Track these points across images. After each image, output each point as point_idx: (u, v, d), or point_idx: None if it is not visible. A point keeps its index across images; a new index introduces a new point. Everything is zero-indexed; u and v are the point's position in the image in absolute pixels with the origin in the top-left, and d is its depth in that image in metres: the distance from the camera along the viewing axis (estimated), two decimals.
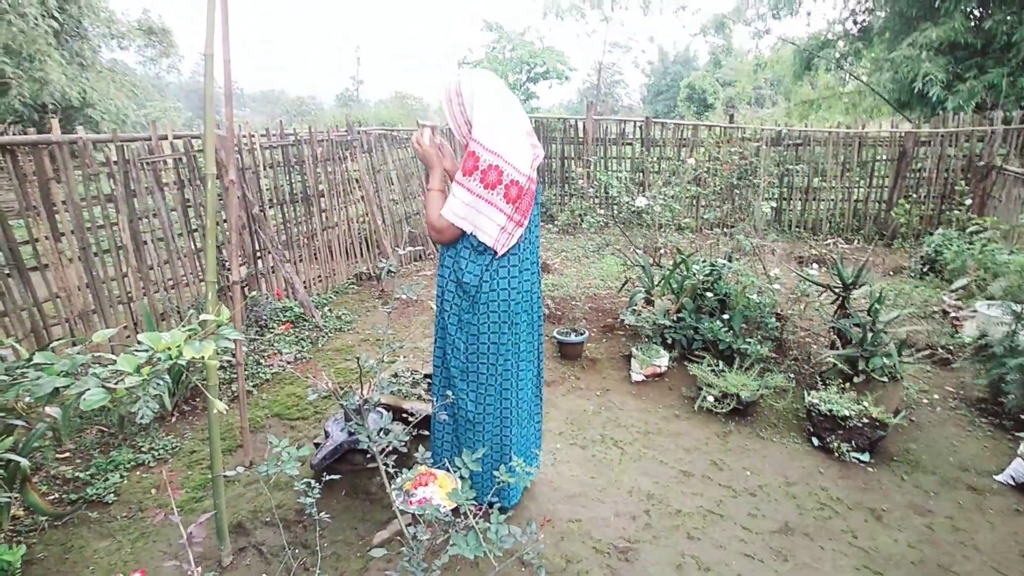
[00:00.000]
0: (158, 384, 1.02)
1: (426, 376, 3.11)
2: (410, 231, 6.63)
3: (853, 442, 2.93)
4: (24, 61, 11.58)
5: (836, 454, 2.94)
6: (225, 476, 2.08)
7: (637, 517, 2.51)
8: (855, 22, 11.91)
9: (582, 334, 4.09)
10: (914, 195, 7.37)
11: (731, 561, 2.27)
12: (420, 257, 6.74)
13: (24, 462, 1.98)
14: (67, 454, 2.98)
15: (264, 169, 4.77)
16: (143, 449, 3.02)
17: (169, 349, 1.04)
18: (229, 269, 2.84)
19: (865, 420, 2.92)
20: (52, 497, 2.65)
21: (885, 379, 3.17)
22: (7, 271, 3.07)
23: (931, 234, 6.30)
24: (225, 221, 4.16)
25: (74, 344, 1.29)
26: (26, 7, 10.54)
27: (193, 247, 4.16)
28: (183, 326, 1.16)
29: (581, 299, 4.99)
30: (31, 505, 2.49)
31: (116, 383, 1.03)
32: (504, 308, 2.15)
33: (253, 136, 4.64)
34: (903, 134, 7.43)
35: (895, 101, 10.83)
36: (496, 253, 2.08)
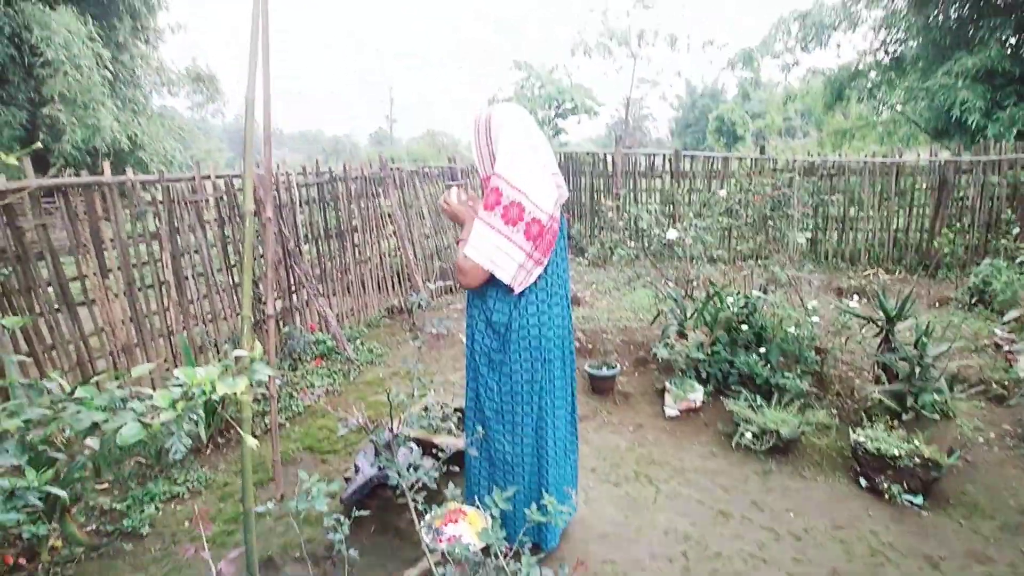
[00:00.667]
0: (192, 419, 1.03)
1: (456, 410, 3.09)
2: (441, 265, 6.70)
3: (905, 484, 2.77)
4: (79, 108, 12.33)
5: (886, 496, 2.78)
6: (256, 511, 2.08)
7: (674, 560, 2.41)
8: (887, 52, 11.82)
9: (614, 368, 4.02)
10: (957, 224, 7.13)
11: None
12: (451, 291, 6.79)
13: (63, 494, 2.02)
14: (105, 485, 3.03)
15: (300, 206, 4.91)
16: (178, 481, 3.06)
17: (203, 384, 1.05)
18: (264, 303, 2.91)
19: (917, 460, 2.77)
20: (89, 528, 2.69)
21: (936, 416, 3.02)
22: (57, 307, 3.19)
23: (978, 264, 6.06)
24: (262, 256, 4.28)
25: (116, 378, 1.32)
26: (81, 59, 11.25)
27: (231, 282, 4.28)
28: (218, 361, 1.17)
29: (612, 332, 4.93)
30: (69, 536, 2.54)
31: (152, 418, 1.05)
32: (536, 345, 2.13)
33: (290, 174, 4.80)
34: (943, 162, 7.24)
35: (932, 129, 10.62)
36: (513, 290, 2.06)
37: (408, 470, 1.72)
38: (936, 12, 9.94)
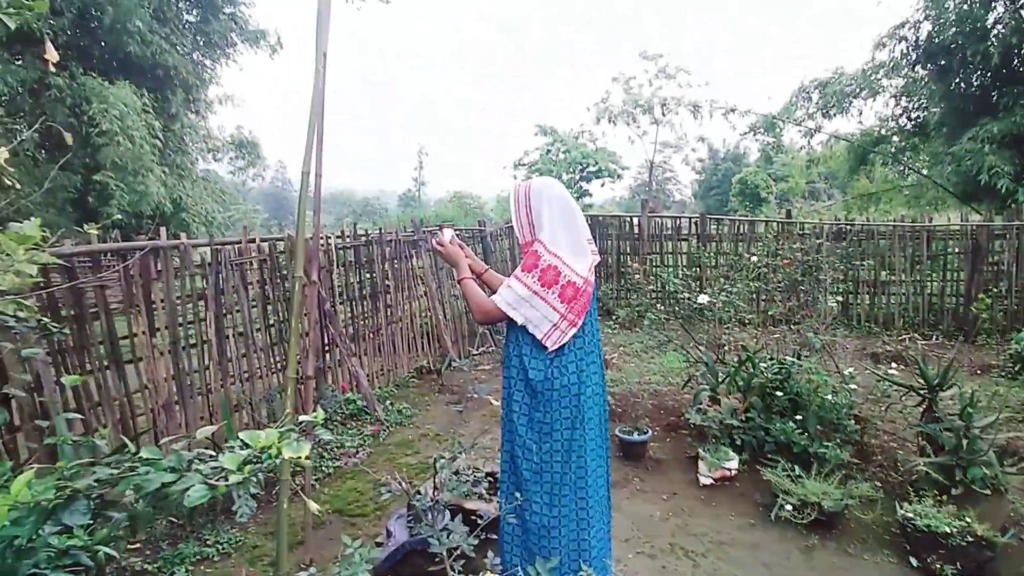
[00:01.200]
0: (256, 481, 1.08)
1: (488, 474, 3.06)
2: (481, 331, 6.77)
3: (958, 564, 2.63)
4: (128, 176, 13.09)
5: None
6: None
7: None
8: (909, 119, 11.97)
9: (645, 433, 3.96)
10: (994, 289, 7.00)
11: None
12: (480, 352, 6.84)
13: (115, 554, 2.05)
14: (137, 545, 3.05)
15: (336, 267, 5.08)
16: (208, 542, 3.06)
17: (268, 448, 1.10)
18: (300, 363, 2.98)
19: (969, 538, 2.64)
20: None
21: (987, 491, 2.89)
22: (106, 364, 3.32)
23: (1019, 331, 5.89)
24: (306, 314, 4.40)
25: (176, 440, 1.38)
26: (134, 131, 12.03)
27: (268, 341, 4.39)
28: (279, 424, 1.23)
29: (642, 395, 4.87)
30: None
31: (217, 480, 1.10)
32: (575, 403, 2.16)
33: (330, 238, 5.00)
34: (975, 227, 7.19)
35: (960, 193, 10.58)
36: (547, 349, 2.13)
37: (445, 536, 1.72)
38: (959, 80, 10.11)
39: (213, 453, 1.14)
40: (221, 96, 18.40)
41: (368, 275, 5.45)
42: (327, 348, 4.81)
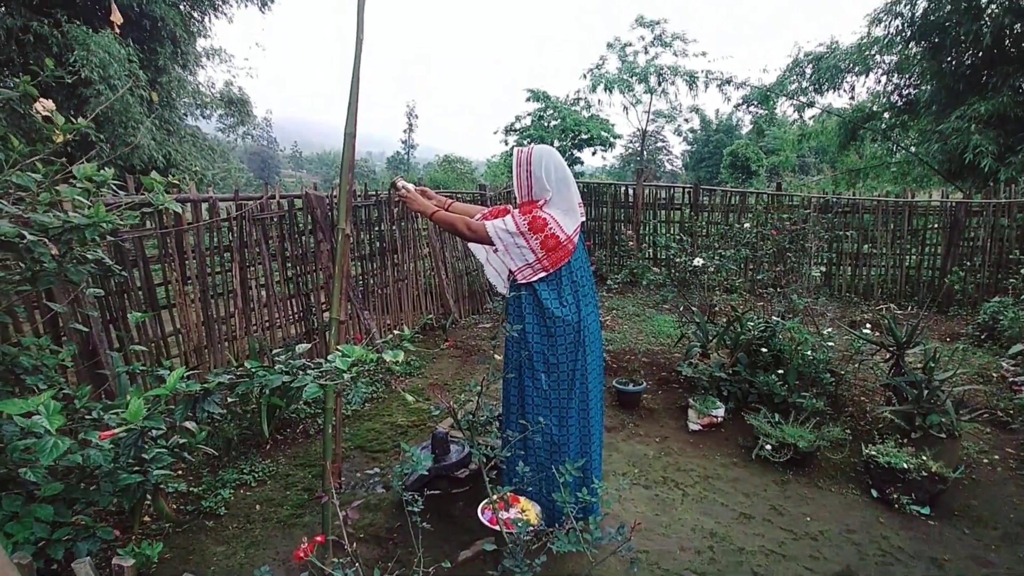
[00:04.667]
0: (363, 381, 1.36)
1: (497, 416, 3.38)
2: (470, 288, 7.04)
3: (913, 495, 3.02)
4: (118, 128, 12.95)
5: (896, 506, 3.03)
6: (327, 491, 2.38)
7: (702, 552, 2.67)
8: (900, 96, 12.21)
9: (640, 384, 4.31)
10: (968, 263, 7.40)
11: None
12: (477, 311, 7.13)
13: (212, 452, 2.34)
14: (180, 472, 3.34)
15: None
16: (245, 471, 3.36)
17: (364, 356, 1.38)
18: (326, 311, 3.24)
19: (924, 473, 3.02)
20: (172, 508, 2.99)
21: (943, 436, 3.27)
22: (144, 309, 3.56)
23: (988, 302, 6.30)
24: (315, 271, 4.62)
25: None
26: (116, 80, 11.81)
27: (287, 293, 4.63)
28: (365, 341, 1.50)
29: (636, 353, 5.22)
30: (159, 511, 2.84)
31: (325, 380, 1.37)
32: (576, 334, 2.50)
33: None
34: (954, 204, 7.54)
35: (945, 171, 10.92)
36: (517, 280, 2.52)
37: (480, 451, 2.02)
38: (950, 59, 10.34)
39: (320, 361, 1.41)
40: (208, 49, 18.03)
41: (377, 234, 5.67)
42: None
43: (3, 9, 10.75)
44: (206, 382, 1.36)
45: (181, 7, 15.72)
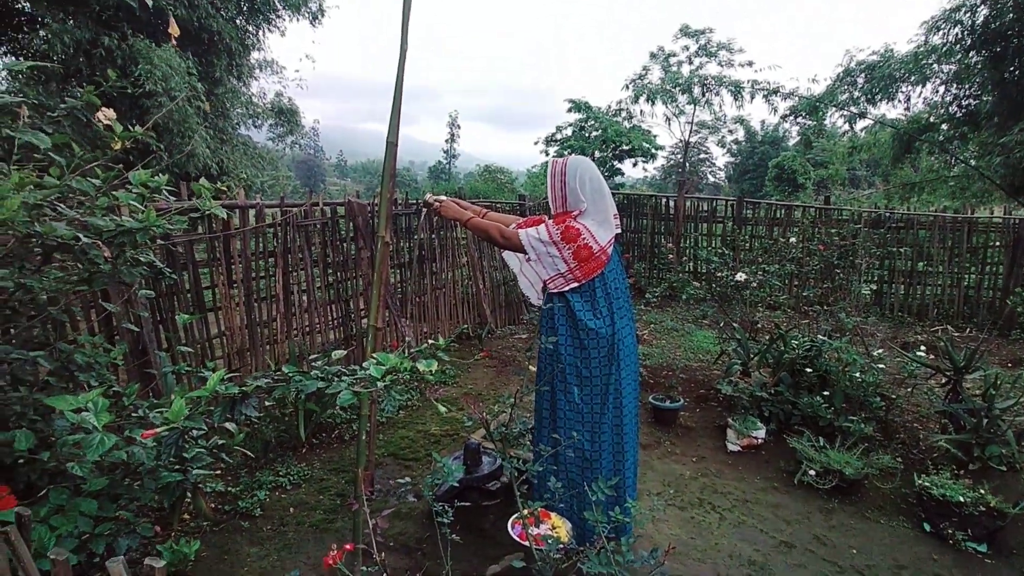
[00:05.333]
0: (397, 390, 1.36)
1: (530, 429, 3.35)
2: (507, 299, 7.04)
3: (969, 531, 2.84)
4: (176, 138, 13.59)
5: (951, 542, 2.85)
6: (358, 499, 2.39)
7: None
8: (959, 106, 11.68)
9: (677, 401, 4.20)
10: None
11: None
12: (514, 321, 7.12)
13: (248, 455, 2.39)
14: (218, 472, 3.43)
15: None
16: (280, 473, 3.42)
17: (399, 365, 1.38)
18: (365, 317, 3.28)
19: (982, 508, 2.84)
20: (210, 507, 3.07)
21: (1003, 468, 3.07)
22: (192, 311, 3.68)
23: None
24: (354, 278, 4.69)
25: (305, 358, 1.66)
26: (177, 92, 12.42)
27: (328, 299, 4.72)
28: (400, 349, 1.50)
29: (674, 369, 5.11)
30: (198, 510, 2.92)
31: (359, 387, 1.38)
32: (611, 347, 2.46)
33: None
34: (1018, 221, 7.15)
35: (1008, 186, 10.37)
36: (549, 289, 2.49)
37: (518, 462, 2.00)
38: (1013, 68, 9.85)
39: (355, 368, 1.42)
40: (261, 62, 18.70)
41: (417, 242, 5.73)
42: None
43: (72, 23, 11.40)
44: (245, 385, 1.39)
45: (237, 21, 16.41)
